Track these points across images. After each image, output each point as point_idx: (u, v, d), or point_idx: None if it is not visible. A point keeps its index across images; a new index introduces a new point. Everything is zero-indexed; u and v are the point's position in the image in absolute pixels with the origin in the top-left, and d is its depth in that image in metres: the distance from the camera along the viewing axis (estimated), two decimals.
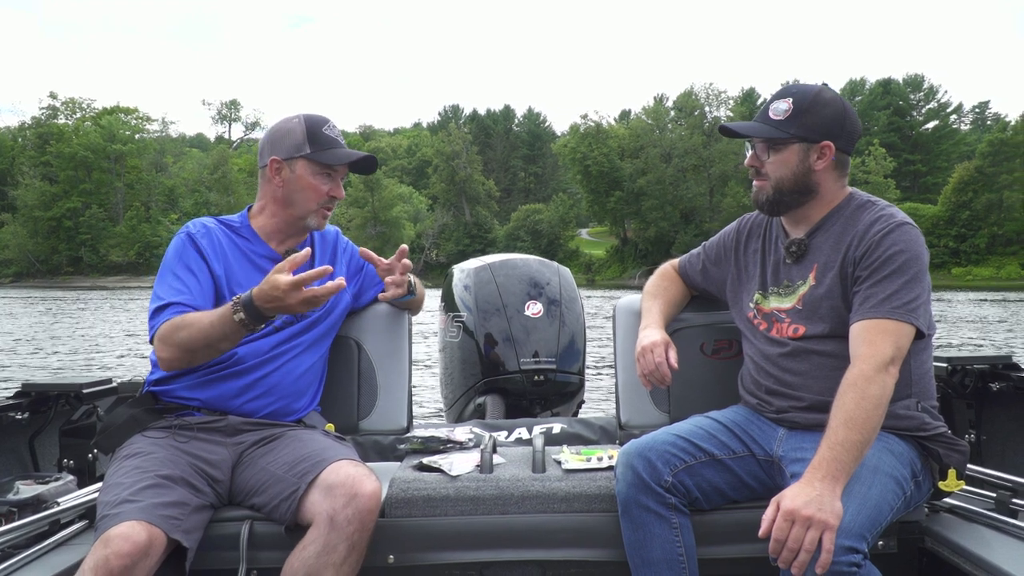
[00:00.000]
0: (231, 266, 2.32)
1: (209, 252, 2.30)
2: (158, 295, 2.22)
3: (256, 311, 2.04)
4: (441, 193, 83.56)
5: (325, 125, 2.38)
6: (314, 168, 2.35)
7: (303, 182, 2.35)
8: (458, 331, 3.47)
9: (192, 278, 2.25)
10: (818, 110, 2.08)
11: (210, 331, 2.08)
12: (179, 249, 2.30)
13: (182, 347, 2.11)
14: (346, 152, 2.38)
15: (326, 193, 2.38)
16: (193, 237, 2.32)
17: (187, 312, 2.16)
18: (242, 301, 2.05)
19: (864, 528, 1.75)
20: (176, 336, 2.11)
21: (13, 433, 2.74)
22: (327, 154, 2.35)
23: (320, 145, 2.35)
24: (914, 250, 1.99)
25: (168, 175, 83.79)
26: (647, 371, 2.28)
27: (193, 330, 2.09)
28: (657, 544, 2.02)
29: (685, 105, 72.46)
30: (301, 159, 2.34)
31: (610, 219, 75.15)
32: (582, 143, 71.82)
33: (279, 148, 2.36)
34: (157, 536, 1.82)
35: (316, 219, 2.40)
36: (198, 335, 2.09)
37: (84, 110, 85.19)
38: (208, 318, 2.10)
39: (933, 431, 2.03)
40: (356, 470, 2.02)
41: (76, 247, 76.22)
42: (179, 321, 2.13)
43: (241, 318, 2.04)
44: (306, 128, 2.35)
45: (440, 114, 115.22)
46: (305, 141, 2.35)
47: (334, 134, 2.39)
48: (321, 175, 2.36)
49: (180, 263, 2.27)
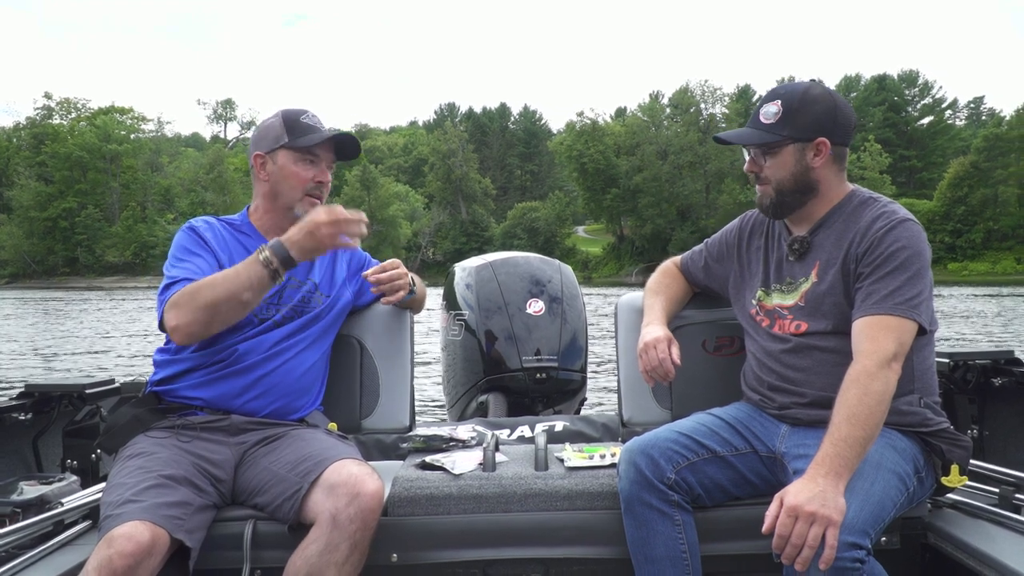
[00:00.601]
0: (233, 260, 2.32)
1: (213, 244, 2.33)
2: (167, 276, 2.24)
3: (283, 249, 2.13)
4: (437, 191, 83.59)
5: (303, 115, 2.40)
6: (295, 156, 2.36)
7: (286, 171, 2.36)
8: (460, 329, 3.47)
9: (200, 259, 2.27)
10: (808, 108, 2.08)
11: (234, 280, 2.12)
12: (184, 239, 2.33)
13: (203, 306, 2.11)
14: (322, 132, 2.38)
15: (310, 179, 2.38)
16: (197, 230, 2.35)
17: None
18: (270, 243, 2.14)
19: (867, 524, 1.75)
20: (196, 297, 2.12)
21: (17, 434, 2.74)
22: (304, 139, 2.36)
23: (298, 133, 2.37)
24: (916, 246, 2.00)
25: (164, 175, 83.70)
26: (650, 367, 2.28)
27: (216, 287, 2.12)
28: (660, 541, 2.02)
29: (681, 102, 72.50)
30: (281, 149, 2.36)
31: (606, 216, 75.31)
32: (578, 141, 71.87)
33: (261, 143, 2.40)
34: (160, 536, 1.82)
35: (304, 207, 2.38)
36: (221, 290, 2.11)
37: (79, 110, 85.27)
38: (232, 269, 2.16)
39: (936, 427, 2.03)
40: (358, 469, 2.02)
41: (72, 248, 76.16)
42: (198, 284, 2.15)
43: (267, 256, 2.11)
44: (283, 120, 2.38)
45: (436, 112, 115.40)
46: (283, 132, 2.36)
47: (312, 122, 2.40)
48: (303, 161, 2.37)
49: (185, 250, 2.30)
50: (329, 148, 2.42)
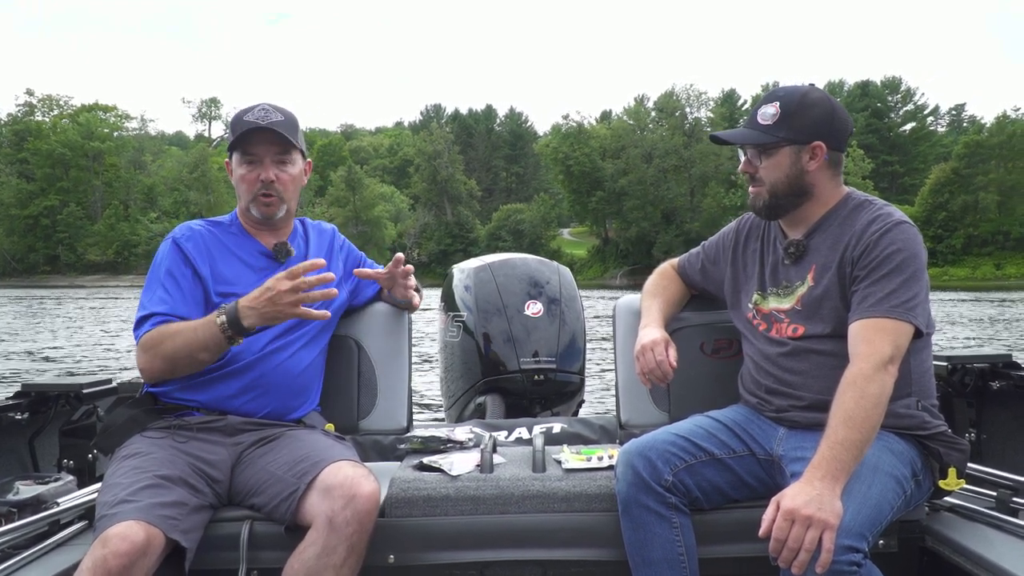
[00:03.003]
0: (216, 264, 2.31)
1: (194, 255, 2.30)
2: (143, 304, 2.23)
3: (236, 315, 2.06)
4: (423, 193, 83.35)
5: (249, 111, 2.30)
6: (239, 158, 2.32)
7: (236, 175, 2.34)
8: (458, 331, 3.47)
9: (175, 286, 2.25)
10: (805, 111, 2.09)
11: (192, 338, 2.10)
12: (164, 256, 2.31)
13: (163, 357, 2.13)
14: (245, 123, 2.27)
15: (256, 179, 2.31)
16: (178, 242, 2.32)
17: (171, 321, 2.17)
18: (227, 307, 2.08)
19: (864, 527, 1.75)
20: (159, 347, 2.13)
21: (13, 433, 2.72)
22: (237, 139, 2.29)
23: (236, 133, 2.29)
24: (912, 248, 2.01)
25: (147, 173, 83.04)
26: (647, 369, 2.28)
27: (177, 339, 2.11)
28: (657, 543, 2.02)
29: (666, 106, 72.61)
30: (233, 154, 2.34)
31: (591, 219, 75.33)
32: (564, 143, 71.92)
33: (227, 150, 2.37)
34: (155, 536, 1.82)
35: (257, 207, 2.34)
36: (181, 344, 2.11)
37: (62, 107, 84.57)
38: (192, 325, 2.13)
39: (933, 430, 2.03)
40: (354, 471, 2.01)
41: (53, 246, 75.46)
42: (163, 330, 2.15)
43: (222, 321, 2.06)
44: (232, 122, 2.33)
45: (422, 113, 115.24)
46: (231, 135, 2.32)
47: (255, 116, 2.28)
48: (246, 163, 2.31)
49: (164, 271, 2.27)
50: (270, 141, 2.29)
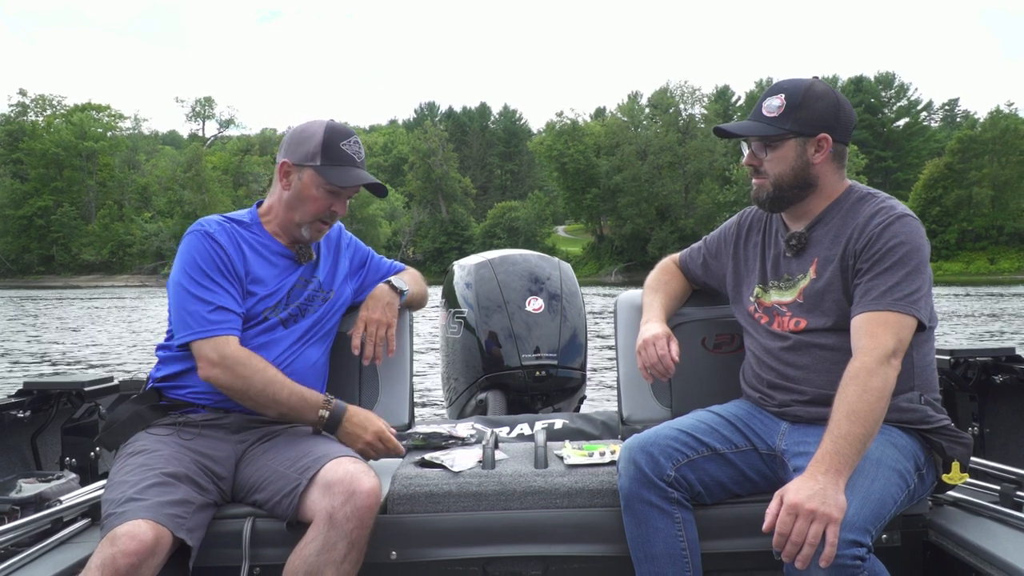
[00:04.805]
0: (248, 262, 2.29)
1: (230, 250, 2.26)
2: (200, 297, 2.17)
3: (336, 426, 2.22)
4: (417, 191, 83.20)
5: (345, 140, 2.30)
6: (319, 181, 2.28)
7: (307, 192, 2.29)
8: (459, 327, 3.47)
9: (227, 281, 2.23)
10: (811, 103, 2.08)
11: (287, 402, 2.17)
12: (203, 249, 2.23)
13: (248, 390, 2.15)
14: (353, 175, 2.30)
15: (327, 207, 2.32)
16: (212, 235, 2.26)
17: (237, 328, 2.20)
18: (337, 411, 2.22)
19: (868, 521, 1.75)
20: (251, 379, 2.14)
21: (15, 431, 2.72)
22: (334, 172, 2.28)
23: (332, 160, 2.28)
24: (915, 242, 2.00)
25: (141, 173, 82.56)
26: (649, 364, 2.28)
27: (277, 391, 2.17)
28: (660, 539, 2.02)
29: (660, 102, 72.55)
30: (310, 168, 2.28)
31: (586, 216, 75.34)
32: (558, 140, 71.78)
33: (293, 152, 2.31)
34: (163, 535, 1.83)
35: (310, 231, 2.34)
36: (275, 397, 2.17)
37: (55, 107, 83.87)
38: (297, 390, 2.19)
39: (936, 424, 2.04)
40: (355, 467, 2.02)
41: (47, 246, 74.99)
42: (261, 367, 2.17)
43: (323, 417, 2.20)
44: (323, 139, 2.28)
45: (416, 111, 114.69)
46: (319, 152, 2.27)
47: (351, 151, 2.31)
48: (325, 189, 2.29)
49: (213, 265, 2.22)
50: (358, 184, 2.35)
